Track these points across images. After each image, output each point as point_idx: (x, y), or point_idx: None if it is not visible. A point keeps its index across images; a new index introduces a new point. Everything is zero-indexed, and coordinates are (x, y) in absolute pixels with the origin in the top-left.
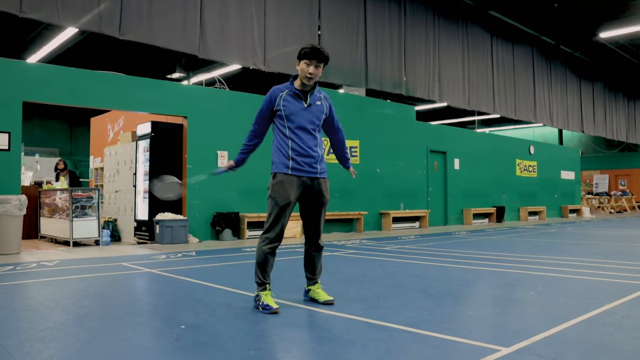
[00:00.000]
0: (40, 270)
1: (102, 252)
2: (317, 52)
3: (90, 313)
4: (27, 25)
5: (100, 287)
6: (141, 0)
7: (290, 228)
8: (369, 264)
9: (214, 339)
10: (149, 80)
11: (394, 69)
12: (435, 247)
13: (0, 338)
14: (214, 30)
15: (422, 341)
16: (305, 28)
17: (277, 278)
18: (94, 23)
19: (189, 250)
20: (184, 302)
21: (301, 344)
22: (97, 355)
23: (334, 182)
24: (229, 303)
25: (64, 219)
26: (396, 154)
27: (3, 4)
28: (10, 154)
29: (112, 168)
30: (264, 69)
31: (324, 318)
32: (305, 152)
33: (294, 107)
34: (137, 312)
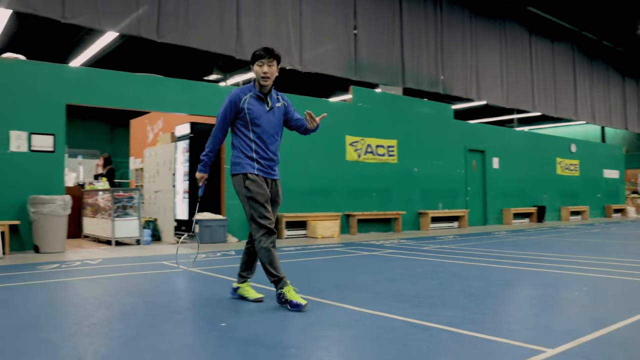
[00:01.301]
0: (84, 269)
1: (143, 251)
2: (267, 50)
3: (133, 310)
4: (70, 31)
5: (141, 285)
6: (178, 3)
7: (328, 228)
8: (408, 264)
9: (253, 336)
10: (187, 81)
11: (431, 67)
12: (475, 247)
13: (48, 333)
14: (250, 32)
15: (463, 341)
16: (340, 28)
17: (313, 277)
18: (133, 27)
19: (228, 249)
20: (224, 300)
21: (340, 342)
22: (140, 352)
23: (373, 182)
24: (268, 301)
25: (106, 219)
26: (434, 153)
27: (46, 10)
28: (55, 155)
29: (152, 169)
30: (300, 69)
31: (363, 317)
32: (268, 155)
33: (258, 110)
34: (178, 309)
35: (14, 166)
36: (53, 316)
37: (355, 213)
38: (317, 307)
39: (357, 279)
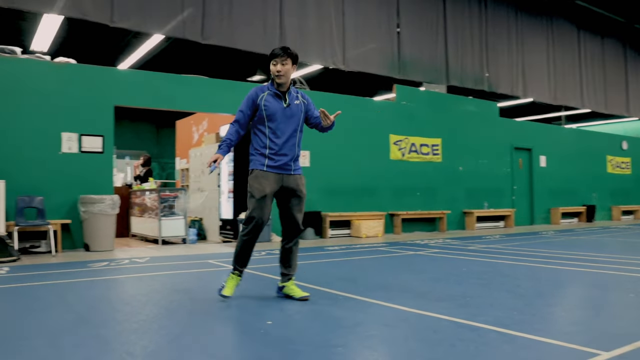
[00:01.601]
0: (132, 267)
1: (189, 250)
2: (279, 49)
3: (180, 307)
4: (118, 35)
5: (187, 283)
6: (222, 5)
7: (372, 227)
8: (454, 263)
9: (299, 335)
10: (231, 82)
11: (475, 65)
12: (522, 246)
13: (99, 328)
14: (293, 31)
15: (512, 342)
16: (384, 26)
17: (359, 276)
18: (178, 29)
19: (272, 248)
20: (270, 298)
21: (387, 342)
22: (188, 348)
23: (417, 181)
24: (313, 300)
25: (153, 218)
26: (479, 151)
27: (96, 15)
28: (104, 156)
29: (198, 169)
30: (343, 68)
31: (410, 317)
32: (281, 151)
33: (275, 107)
34: (224, 307)
35: (66, 167)
36: (103, 312)
37: (400, 212)
38: (363, 306)
39: (402, 278)
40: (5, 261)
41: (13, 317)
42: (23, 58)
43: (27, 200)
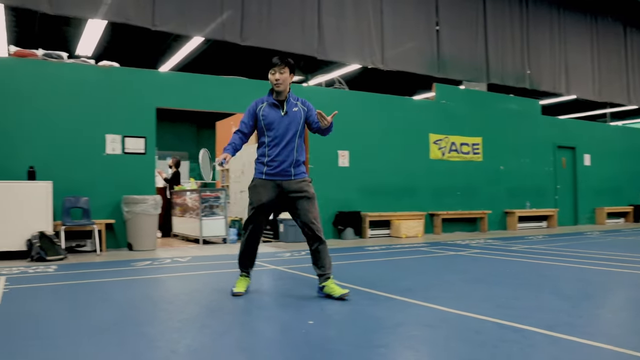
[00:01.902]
0: (175, 266)
1: (230, 250)
2: (276, 59)
3: (222, 306)
4: (159, 38)
5: (229, 282)
6: (261, 7)
7: (412, 227)
8: (496, 264)
9: (341, 335)
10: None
11: (517, 62)
12: (567, 247)
13: (143, 326)
14: (331, 31)
15: (558, 344)
16: (422, 25)
17: (399, 276)
18: (218, 31)
19: None
20: (311, 298)
21: (429, 342)
22: (231, 347)
23: (457, 181)
24: (355, 300)
25: (194, 218)
26: (521, 150)
27: (139, 19)
28: (146, 157)
29: (237, 169)
30: (382, 67)
31: (451, 317)
32: (280, 158)
33: (272, 116)
34: (265, 306)
35: (109, 168)
36: (147, 311)
37: (440, 212)
38: (404, 306)
39: (443, 278)
40: (54, 259)
41: (61, 315)
42: (69, 62)
43: (73, 200)
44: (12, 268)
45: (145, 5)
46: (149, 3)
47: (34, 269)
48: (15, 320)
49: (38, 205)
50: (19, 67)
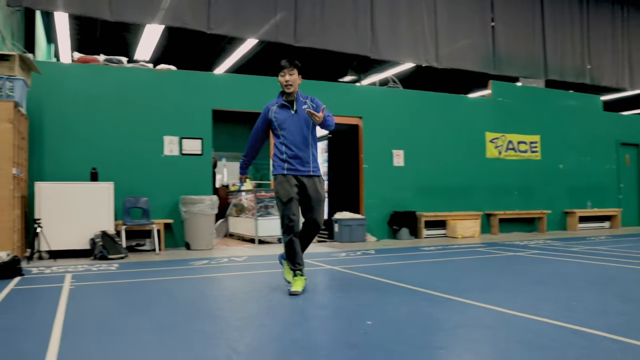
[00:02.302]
0: (231, 265)
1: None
2: (285, 61)
3: (279, 306)
4: (213, 41)
5: (285, 282)
6: (314, 7)
7: (469, 227)
8: (556, 265)
9: (400, 335)
10: (324, 83)
11: (576, 57)
12: (632, 248)
13: (203, 324)
14: (384, 30)
15: (629, 351)
16: (477, 21)
17: (457, 277)
18: (271, 33)
19: (367, 248)
20: (369, 298)
21: (490, 344)
22: (289, 346)
23: (515, 180)
24: (413, 301)
25: (250, 218)
26: (581, 148)
27: (195, 23)
28: (203, 158)
29: None
30: (436, 65)
31: (511, 319)
32: (295, 153)
33: (283, 116)
34: (323, 306)
35: (168, 169)
36: (206, 309)
37: (497, 212)
38: (463, 307)
39: (502, 279)
40: (115, 258)
41: (125, 311)
42: (128, 67)
43: (133, 200)
44: (77, 266)
45: (201, 9)
46: (205, 7)
47: (97, 267)
48: (82, 317)
49: (100, 205)
50: (82, 72)
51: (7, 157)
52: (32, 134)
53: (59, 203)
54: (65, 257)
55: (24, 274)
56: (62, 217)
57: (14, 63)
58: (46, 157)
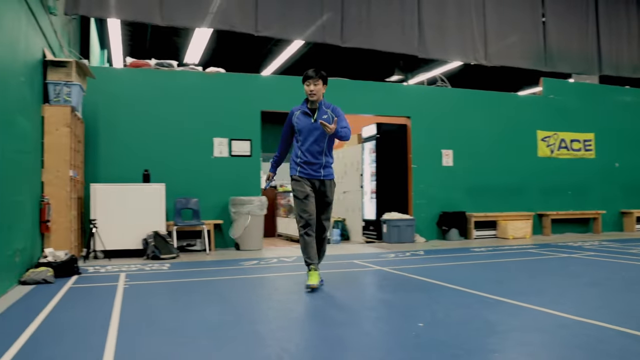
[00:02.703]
0: (281, 265)
1: (333, 250)
2: (312, 72)
3: (329, 307)
4: (259, 43)
5: (334, 282)
6: (360, 7)
7: (520, 228)
8: (614, 268)
9: (453, 338)
10: (372, 83)
11: (633, 51)
12: None
13: (254, 324)
14: (432, 29)
15: None
16: (527, 17)
17: (510, 279)
18: (318, 34)
19: (416, 249)
20: (419, 300)
21: (547, 349)
22: (340, 348)
23: (568, 179)
24: (464, 303)
25: None
26: (638, 145)
27: (243, 26)
28: (252, 159)
29: (340, 170)
30: (485, 63)
31: (569, 323)
32: (309, 160)
33: (303, 123)
34: (373, 307)
35: (217, 170)
36: (257, 309)
37: (549, 212)
38: (517, 310)
39: (557, 282)
40: (167, 258)
41: (177, 311)
42: (178, 70)
43: (184, 201)
44: (131, 265)
45: (249, 11)
46: (252, 9)
47: (149, 266)
48: (137, 315)
49: (152, 206)
50: (134, 76)
51: (65, 160)
52: (87, 137)
53: (113, 204)
54: (118, 257)
55: (81, 273)
56: (116, 218)
57: (70, 69)
58: (101, 159)
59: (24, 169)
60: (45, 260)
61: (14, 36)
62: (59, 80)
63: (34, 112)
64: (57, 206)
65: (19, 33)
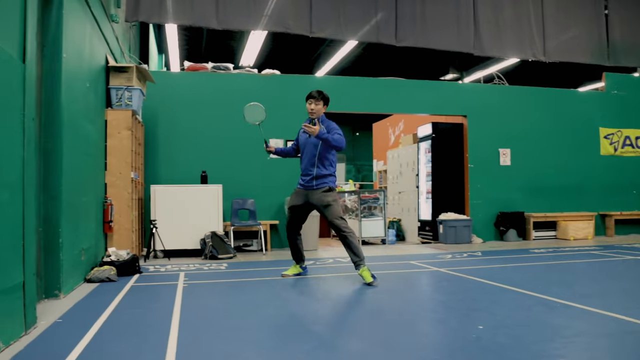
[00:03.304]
0: (337, 266)
1: (389, 251)
2: (315, 92)
3: (387, 308)
4: (312, 45)
5: (392, 283)
6: (415, 5)
7: (581, 228)
8: None
9: (515, 341)
10: (428, 82)
11: None
12: None
13: (312, 325)
14: (488, 25)
15: None
16: (588, 9)
17: (573, 282)
18: (372, 33)
19: (473, 250)
20: (478, 302)
21: (615, 355)
22: (399, 350)
23: (633, 178)
24: (525, 305)
25: (353, 219)
26: None
27: (297, 28)
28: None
29: (395, 170)
30: (543, 59)
31: (636, 329)
32: (304, 172)
33: (303, 138)
34: (432, 309)
35: (273, 171)
36: (314, 309)
37: (612, 213)
38: (582, 314)
39: (623, 285)
40: (224, 258)
41: (236, 310)
42: (234, 73)
43: (241, 202)
44: (189, 265)
45: (303, 13)
46: (306, 11)
47: (207, 266)
48: (197, 314)
49: (210, 206)
50: (192, 80)
51: (126, 162)
52: (147, 140)
53: (172, 205)
54: (177, 256)
55: (142, 272)
56: (175, 218)
57: (131, 74)
58: (160, 161)
59: (90, 171)
60: (108, 259)
61: (80, 44)
62: (120, 85)
63: (97, 116)
64: (119, 207)
65: (84, 41)
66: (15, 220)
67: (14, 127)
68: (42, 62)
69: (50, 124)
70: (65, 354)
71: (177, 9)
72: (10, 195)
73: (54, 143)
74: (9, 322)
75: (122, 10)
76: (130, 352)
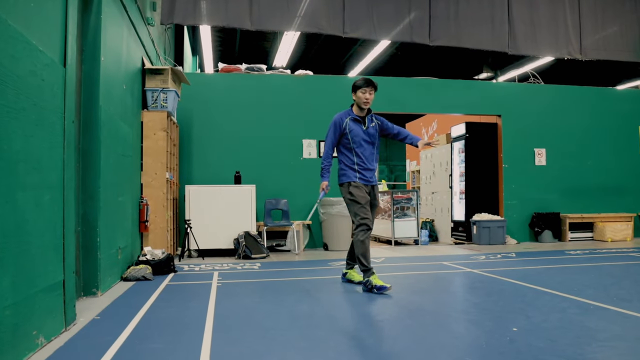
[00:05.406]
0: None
1: (422, 251)
2: (368, 81)
3: (421, 309)
4: (344, 45)
5: (424, 283)
6: (448, 5)
7: (620, 230)
8: None
9: (550, 344)
10: (461, 81)
11: None
12: None
13: (344, 323)
14: (522, 24)
15: None
16: (627, 5)
17: (610, 284)
18: (406, 33)
19: (507, 251)
20: (512, 303)
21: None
22: (434, 350)
23: None
24: (561, 308)
25: (386, 220)
26: None
27: (330, 28)
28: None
29: (429, 170)
30: (580, 57)
31: None
32: (366, 166)
33: (356, 130)
34: (466, 310)
35: (306, 171)
36: (347, 309)
37: None
38: (619, 318)
39: None
40: (258, 257)
41: (269, 310)
42: (268, 74)
43: (274, 202)
44: (223, 264)
45: (336, 13)
46: (339, 11)
47: (241, 265)
48: (231, 313)
49: (244, 207)
50: (226, 81)
51: (162, 162)
52: (182, 141)
53: (206, 205)
54: (211, 256)
55: (177, 271)
56: (208, 218)
57: (167, 76)
58: (194, 161)
59: (126, 172)
60: (144, 258)
61: (117, 47)
62: (156, 87)
63: (134, 118)
64: (155, 207)
65: (122, 44)
66: (56, 220)
67: (55, 130)
68: (81, 66)
69: (88, 125)
70: (104, 350)
71: (211, 11)
72: (51, 196)
73: (92, 144)
74: (50, 319)
75: (158, 14)
76: (166, 349)
